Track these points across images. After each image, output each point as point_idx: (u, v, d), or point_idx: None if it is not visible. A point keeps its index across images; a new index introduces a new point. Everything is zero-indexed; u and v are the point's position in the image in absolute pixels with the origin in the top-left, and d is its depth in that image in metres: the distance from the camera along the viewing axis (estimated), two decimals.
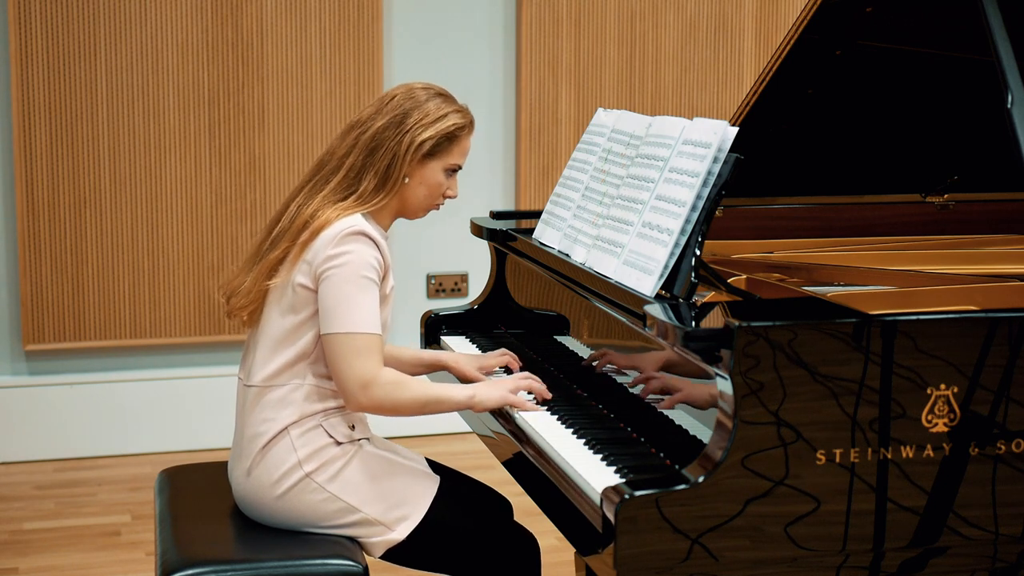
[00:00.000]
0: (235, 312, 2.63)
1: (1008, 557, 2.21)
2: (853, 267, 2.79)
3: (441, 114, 2.60)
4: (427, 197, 2.64)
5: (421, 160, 2.60)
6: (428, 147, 2.59)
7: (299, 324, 2.53)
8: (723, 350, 2.07)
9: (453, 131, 2.61)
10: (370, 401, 2.48)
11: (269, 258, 2.57)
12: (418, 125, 2.58)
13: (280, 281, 2.55)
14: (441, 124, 2.60)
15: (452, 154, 2.63)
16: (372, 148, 2.58)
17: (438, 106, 2.61)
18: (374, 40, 4.94)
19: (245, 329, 2.68)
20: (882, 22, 3.13)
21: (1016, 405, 2.18)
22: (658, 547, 2.04)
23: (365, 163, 2.58)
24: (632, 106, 5.17)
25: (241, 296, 2.61)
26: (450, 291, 5.20)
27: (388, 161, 2.57)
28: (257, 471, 2.55)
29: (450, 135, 2.61)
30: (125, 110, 4.75)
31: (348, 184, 2.58)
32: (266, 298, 2.59)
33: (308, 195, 2.60)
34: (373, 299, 2.50)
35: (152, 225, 4.82)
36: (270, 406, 2.55)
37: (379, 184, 2.58)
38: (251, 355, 2.61)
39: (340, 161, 2.60)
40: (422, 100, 2.61)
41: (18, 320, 4.79)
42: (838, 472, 2.11)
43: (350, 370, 2.47)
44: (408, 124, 2.58)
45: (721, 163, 2.36)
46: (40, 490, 4.55)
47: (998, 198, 3.32)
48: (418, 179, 2.61)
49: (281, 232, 2.59)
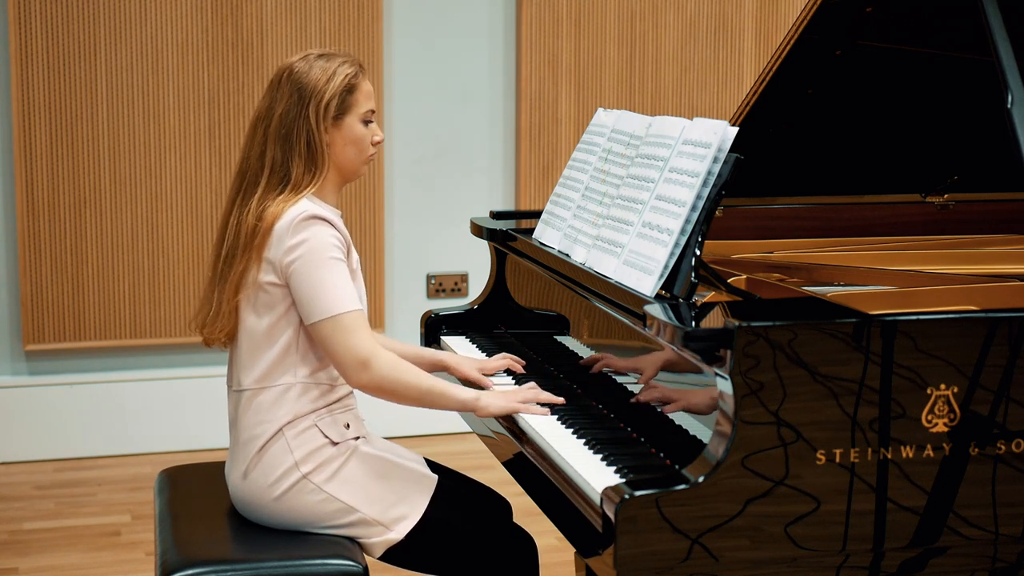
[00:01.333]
0: (213, 339, 2.61)
1: (1008, 557, 2.21)
2: (853, 267, 2.79)
3: (331, 72, 2.58)
4: (358, 153, 2.62)
5: (335, 122, 2.58)
6: (335, 107, 2.57)
7: (276, 321, 2.52)
8: (723, 350, 2.07)
9: (349, 82, 2.59)
10: (372, 378, 2.47)
11: (232, 277, 2.55)
12: (316, 92, 2.56)
13: (250, 290, 2.53)
14: (336, 80, 2.58)
15: (359, 103, 2.61)
16: (284, 135, 2.56)
17: (323, 67, 2.59)
18: (374, 40, 4.94)
19: (225, 348, 2.65)
20: (882, 22, 3.13)
21: (1016, 405, 2.18)
22: (658, 547, 2.04)
23: (284, 151, 2.56)
24: (632, 106, 5.17)
25: (214, 321, 2.58)
26: (450, 291, 5.20)
27: (306, 139, 2.55)
28: (254, 474, 2.55)
29: (348, 87, 2.59)
30: (125, 110, 4.75)
31: (279, 178, 2.55)
32: (239, 311, 2.57)
33: (242, 204, 2.57)
34: (344, 277, 2.49)
35: (152, 225, 4.82)
36: (263, 408, 2.54)
37: (308, 164, 2.56)
38: (235, 362, 2.60)
39: (260, 160, 2.58)
40: (306, 70, 2.58)
41: (18, 320, 4.79)
42: (838, 472, 2.11)
43: (345, 350, 2.46)
44: (306, 96, 2.56)
45: (721, 163, 2.36)
46: (40, 490, 4.55)
47: (998, 198, 3.32)
48: (341, 141, 2.60)
49: (231, 249, 2.56)
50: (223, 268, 2.57)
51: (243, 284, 2.54)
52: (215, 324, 2.58)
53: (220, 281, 2.58)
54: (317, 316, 2.47)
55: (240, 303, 2.56)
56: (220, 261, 2.59)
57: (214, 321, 2.59)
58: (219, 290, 2.58)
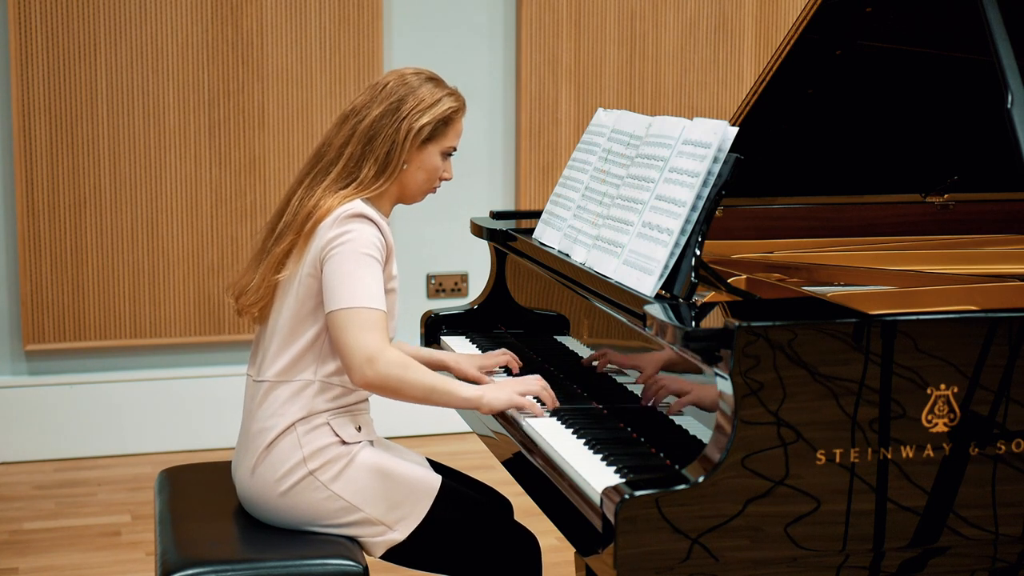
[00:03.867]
0: (245, 310, 2.64)
1: (1008, 557, 2.21)
2: (853, 267, 2.79)
3: (436, 99, 2.63)
4: (426, 181, 2.67)
5: (420, 145, 2.63)
6: (426, 132, 2.62)
7: (307, 315, 2.54)
8: (723, 350, 2.07)
9: (449, 115, 2.65)
10: (376, 376, 2.46)
11: (275, 252, 2.59)
12: (414, 111, 2.61)
13: (288, 274, 2.57)
14: (436, 109, 2.63)
15: (448, 137, 2.66)
16: (370, 137, 2.60)
17: (431, 91, 2.64)
18: (374, 40, 4.94)
19: (254, 327, 2.69)
20: (882, 22, 3.13)
21: (1016, 405, 2.18)
22: (658, 547, 2.04)
23: (364, 152, 2.60)
24: (632, 106, 5.17)
25: (250, 293, 2.62)
26: (450, 291, 5.20)
27: (387, 148, 2.60)
28: (261, 468, 2.55)
29: (446, 119, 2.64)
30: (125, 110, 4.75)
31: (348, 173, 2.60)
32: (275, 293, 2.60)
33: (309, 187, 2.61)
34: (376, 276, 2.50)
35: (152, 225, 4.82)
36: (279, 401, 2.55)
37: (379, 171, 2.60)
38: (261, 351, 2.62)
39: (339, 151, 2.62)
40: (415, 86, 2.63)
41: (18, 320, 4.79)
42: (838, 472, 2.11)
43: (354, 343, 2.46)
44: (404, 111, 2.60)
45: (721, 163, 2.36)
46: (40, 490, 4.55)
47: (998, 198, 3.32)
48: (416, 164, 2.64)
49: (285, 226, 2.60)
50: (272, 244, 2.61)
51: (283, 264, 2.57)
52: (250, 296, 2.62)
53: (265, 255, 2.62)
54: (336, 304, 2.47)
55: (277, 288, 2.58)
56: (271, 236, 2.63)
57: (250, 293, 2.62)
58: (262, 263, 2.62)
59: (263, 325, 2.65)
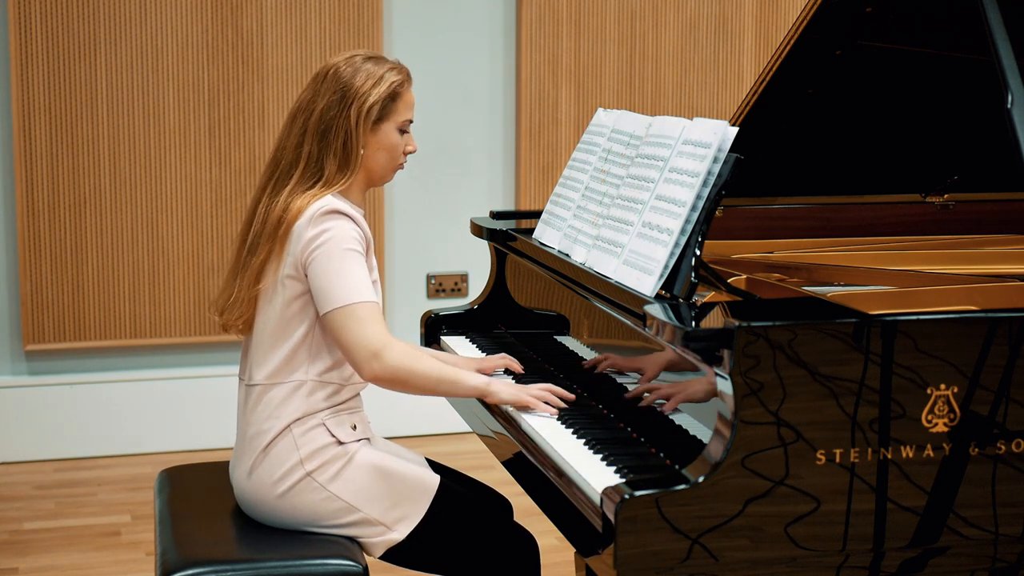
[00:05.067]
0: (230, 325, 2.63)
1: (1008, 557, 2.21)
2: (853, 267, 2.79)
3: (378, 76, 2.60)
4: (389, 160, 2.65)
5: (373, 127, 2.60)
6: (376, 112, 2.59)
7: (293, 316, 2.53)
8: (723, 350, 2.07)
9: (394, 89, 2.61)
10: (384, 369, 2.46)
11: (253, 264, 2.57)
12: (360, 95, 2.58)
13: (269, 281, 2.55)
14: (381, 87, 2.59)
15: (400, 111, 2.63)
16: (323, 131, 2.58)
17: (372, 70, 2.60)
18: (374, 40, 4.94)
19: (242, 336, 2.67)
20: (882, 22, 3.13)
21: (1016, 405, 2.18)
22: (658, 547, 2.04)
23: (321, 147, 2.57)
24: (632, 106, 5.17)
25: (234, 308, 2.61)
26: (450, 291, 5.20)
27: (343, 139, 2.57)
28: (259, 470, 2.55)
29: (392, 94, 2.61)
30: (125, 110, 4.75)
31: (312, 173, 2.57)
32: (257, 302, 2.59)
33: (273, 194, 2.59)
34: (362, 269, 2.50)
35: (152, 225, 4.82)
36: (273, 404, 2.55)
37: (341, 164, 2.58)
38: (249, 356, 2.61)
39: (295, 152, 2.59)
40: (356, 69, 2.60)
41: (18, 320, 4.79)
42: (838, 472, 2.11)
43: (357, 340, 2.46)
44: (349, 97, 2.58)
45: (721, 163, 2.36)
46: (40, 490, 4.55)
47: (998, 198, 3.32)
48: (375, 146, 2.61)
49: (256, 236, 2.58)
50: (246, 256, 2.59)
51: (263, 274, 2.56)
52: (234, 311, 2.60)
53: (242, 268, 2.60)
54: (331, 305, 2.47)
55: (259, 294, 2.57)
56: (244, 248, 2.61)
57: (233, 308, 2.61)
58: (240, 277, 2.60)
59: (249, 334, 2.64)
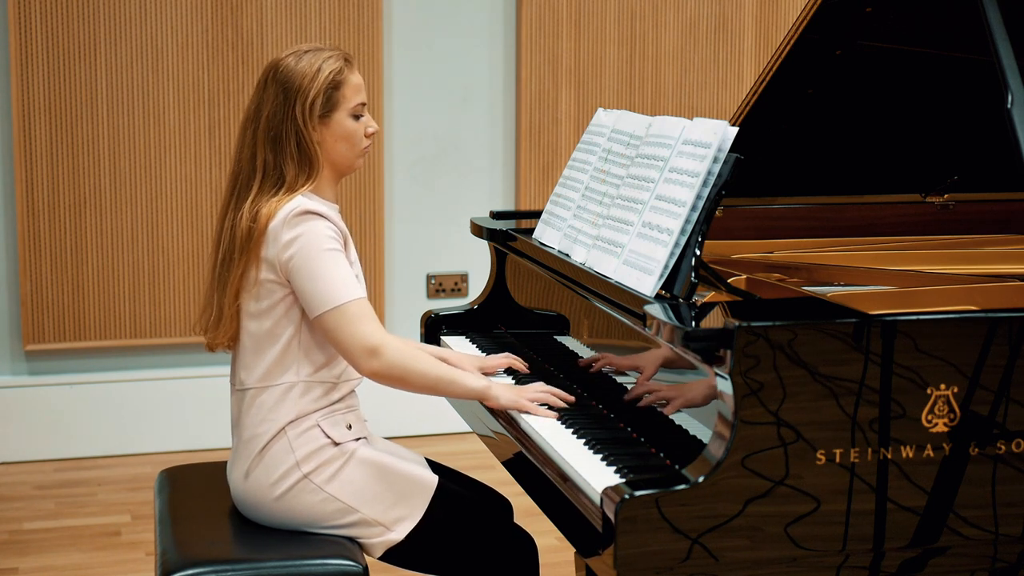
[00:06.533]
0: (216, 345, 2.60)
1: (1008, 557, 2.21)
2: (853, 267, 2.79)
3: (315, 69, 2.53)
4: (350, 148, 2.58)
5: (322, 120, 2.54)
6: (320, 106, 2.53)
7: (277, 320, 2.52)
8: (723, 350, 2.07)
9: (333, 78, 2.54)
10: (382, 366, 2.45)
11: (231, 279, 2.53)
12: (300, 92, 2.52)
13: (251, 291, 2.52)
14: (320, 79, 2.53)
15: (347, 98, 2.56)
16: (273, 137, 2.53)
17: (308, 63, 2.53)
18: (374, 40, 4.94)
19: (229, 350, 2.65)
20: (882, 22, 3.13)
21: (1016, 405, 2.18)
22: (658, 547, 2.04)
23: (276, 154, 2.52)
24: (632, 106, 5.17)
25: (220, 329, 2.57)
26: (450, 291, 5.20)
27: (295, 140, 2.52)
28: (255, 473, 2.55)
29: (333, 83, 2.55)
30: (125, 110, 4.75)
31: (273, 181, 2.53)
32: (239, 312, 2.57)
33: (236, 208, 2.55)
34: (344, 266, 2.48)
35: (152, 225, 4.82)
36: (266, 407, 2.54)
37: (300, 166, 2.52)
38: (238, 361, 2.60)
39: (251, 163, 2.55)
40: (292, 67, 2.54)
41: (18, 320, 4.79)
42: (838, 472, 2.11)
43: (352, 339, 2.45)
44: (291, 96, 2.52)
45: (721, 163, 2.36)
46: (40, 490, 4.55)
47: (998, 198, 3.32)
48: (332, 138, 2.56)
49: (228, 253, 2.54)
50: (221, 272, 2.56)
51: (243, 287, 2.53)
52: (218, 329, 2.58)
53: (220, 286, 2.57)
54: (321, 308, 2.46)
55: (241, 305, 2.55)
56: (218, 265, 2.57)
57: (216, 326, 2.58)
58: (219, 295, 2.57)
59: (236, 342, 2.61)
